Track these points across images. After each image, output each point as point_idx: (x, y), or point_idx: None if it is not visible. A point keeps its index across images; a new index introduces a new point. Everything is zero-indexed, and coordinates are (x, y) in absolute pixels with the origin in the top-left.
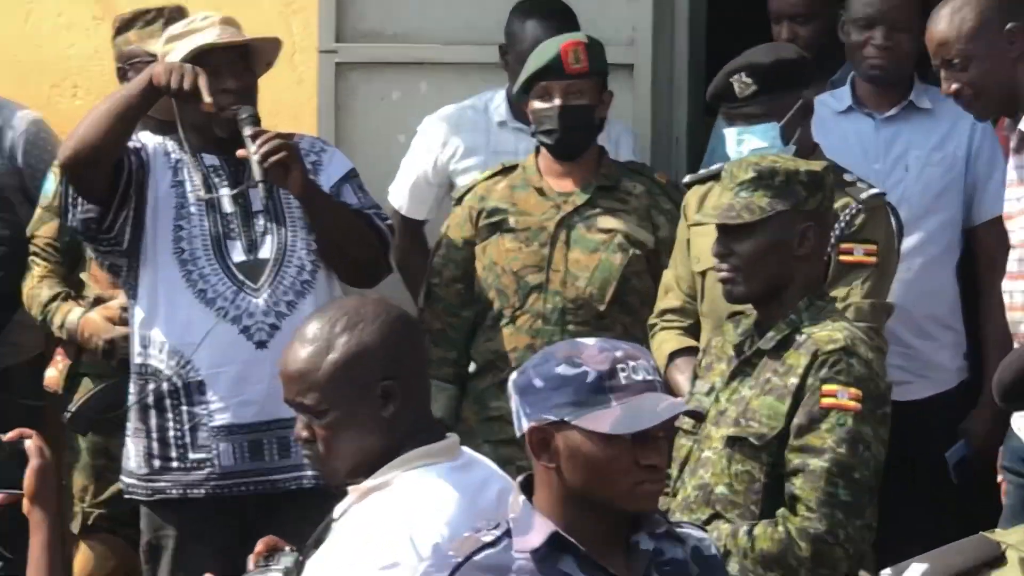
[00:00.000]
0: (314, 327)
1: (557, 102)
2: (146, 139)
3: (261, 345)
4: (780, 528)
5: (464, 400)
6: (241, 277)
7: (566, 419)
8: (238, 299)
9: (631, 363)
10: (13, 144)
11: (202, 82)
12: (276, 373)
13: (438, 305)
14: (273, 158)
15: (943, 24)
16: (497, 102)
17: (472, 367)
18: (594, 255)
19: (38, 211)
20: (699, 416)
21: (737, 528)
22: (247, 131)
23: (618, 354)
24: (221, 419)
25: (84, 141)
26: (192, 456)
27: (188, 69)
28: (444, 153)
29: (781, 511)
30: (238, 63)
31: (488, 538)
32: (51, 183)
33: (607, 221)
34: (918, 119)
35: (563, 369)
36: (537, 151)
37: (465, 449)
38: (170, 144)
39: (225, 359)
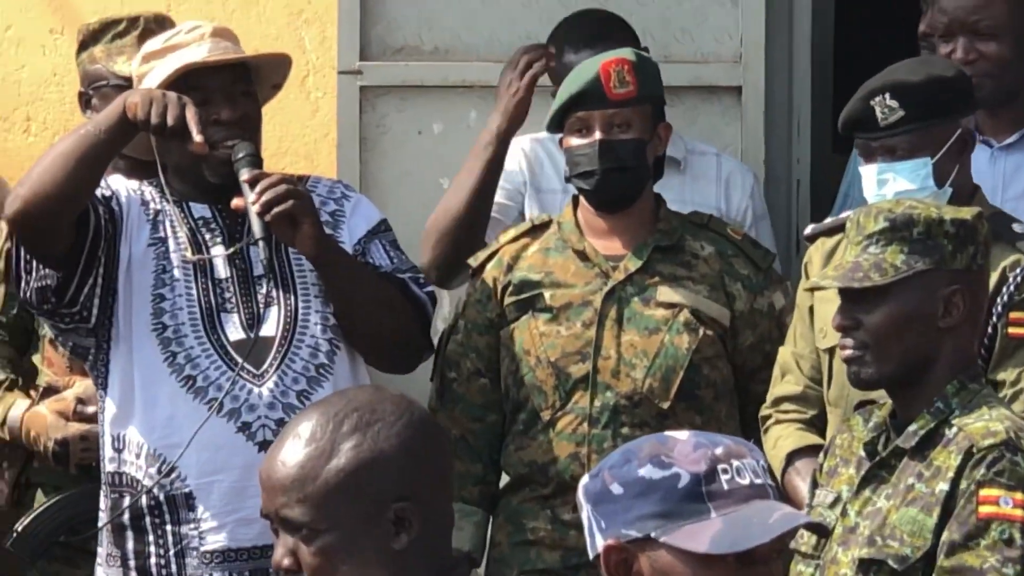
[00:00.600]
0: (314, 422)
1: (597, 136)
2: (118, 185)
3: (264, 447)
4: None
5: (494, 521)
6: (239, 360)
7: (653, 535)
8: (236, 388)
9: (735, 463)
10: None
11: (190, 114)
12: None
13: (457, 406)
14: (277, 208)
15: None
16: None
17: (503, 482)
18: (654, 337)
19: None
20: (823, 532)
21: None
22: (244, 174)
23: (718, 451)
24: (215, 542)
25: (38, 190)
26: None
27: (172, 98)
28: (512, 190)
29: None
30: (235, 87)
31: None
32: None
33: (669, 293)
34: None
35: (648, 471)
36: (576, 202)
37: None
38: (148, 191)
39: (219, 465)
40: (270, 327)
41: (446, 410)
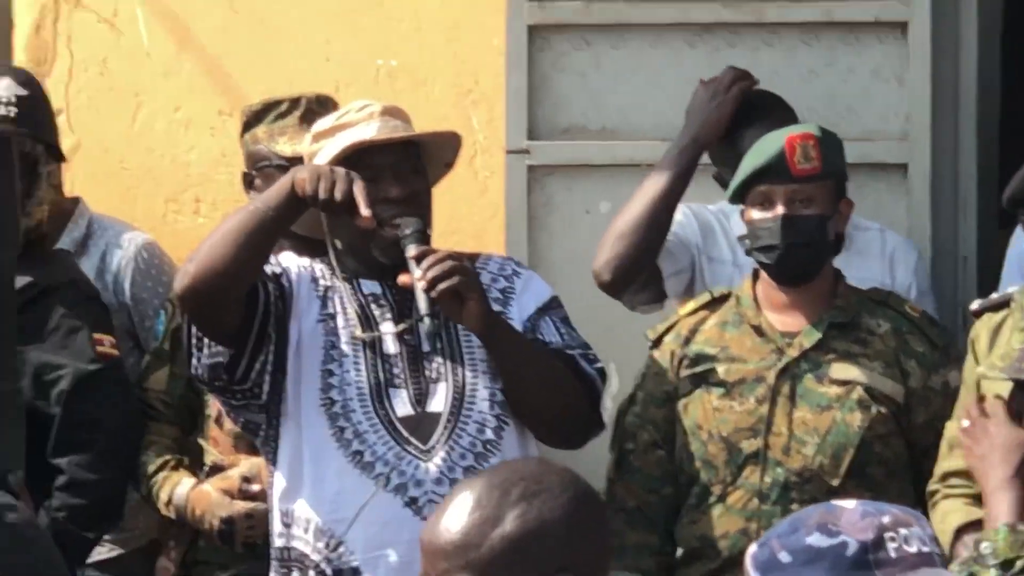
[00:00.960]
0: (480, 490)
1: (780, 211)
2: (287, 262)
3: None
4: None
5: None
6: (407, 435)
7: None
8: (403, 463)
9: (902, 531)
10: (119, 274)
11: (358, 189)
12: None
13: (634, 478)
14: (442, 285)
15: None
16: (737, 216)
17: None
18: (826, 414)
19: (147, 357)
20: None
21: None
22: (411, 250)
23: (885, 520)
24: None
25: (207, 266)
26: None
27: (340, 173)
28: (685, 239)
29: None
30: (404, 165)
31: None
32: (162, 322)
33: (844, 370)
34: None
35: (816, 539)
36: (755, 277)
37: None
38: (319, 268)
39: (387, 540)
40: (438, 403)
41: (623, 481)
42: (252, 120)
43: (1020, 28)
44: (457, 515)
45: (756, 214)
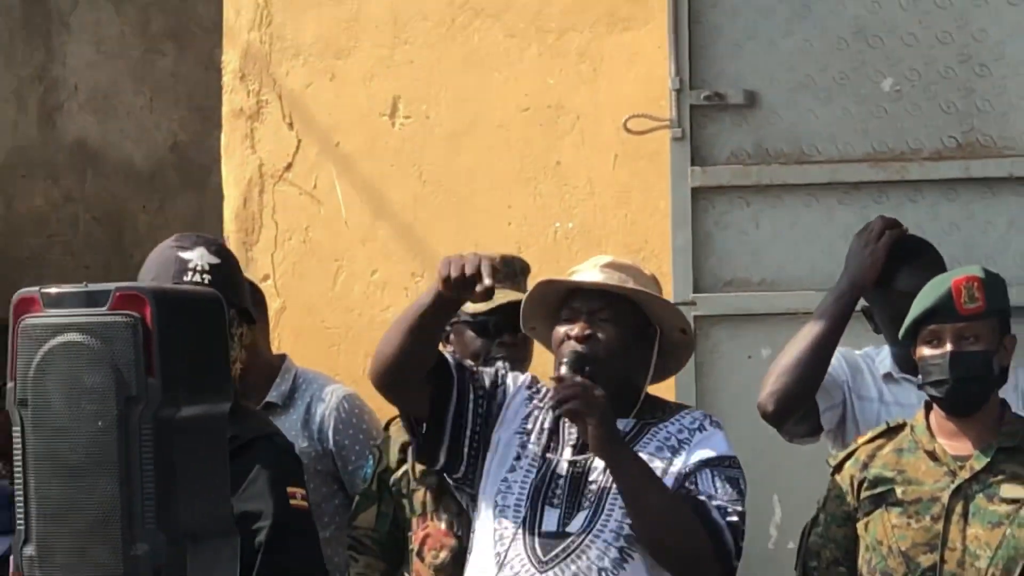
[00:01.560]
0: None
1: (948, 348)
2: (519, 380)
3: None
4: None
5: None
6: (538, 552)
7: None
8: (524, 573)
9: None
10: (323, 423)
11: (485, 263)
12: None
13: None
14: (565, 406)
15: None
16: (883, 356)
17: None
18: (997, 530)
19: (357, 498)
20: None
21: None
22: (556, 373)
23: None
24: None
25: (382, 352)
26: None
27: (470, 255)
28: (837, 378)
29: None
30: (600, 313)
31: None
32: (370, 466)
33: (1012, 490)
34: None
35: None
36: (928, 408)
37: None
38: (542, 387)
39: None
40: (576, 524)
41: None
42: None
43: None
44: None
45: (927, 351)
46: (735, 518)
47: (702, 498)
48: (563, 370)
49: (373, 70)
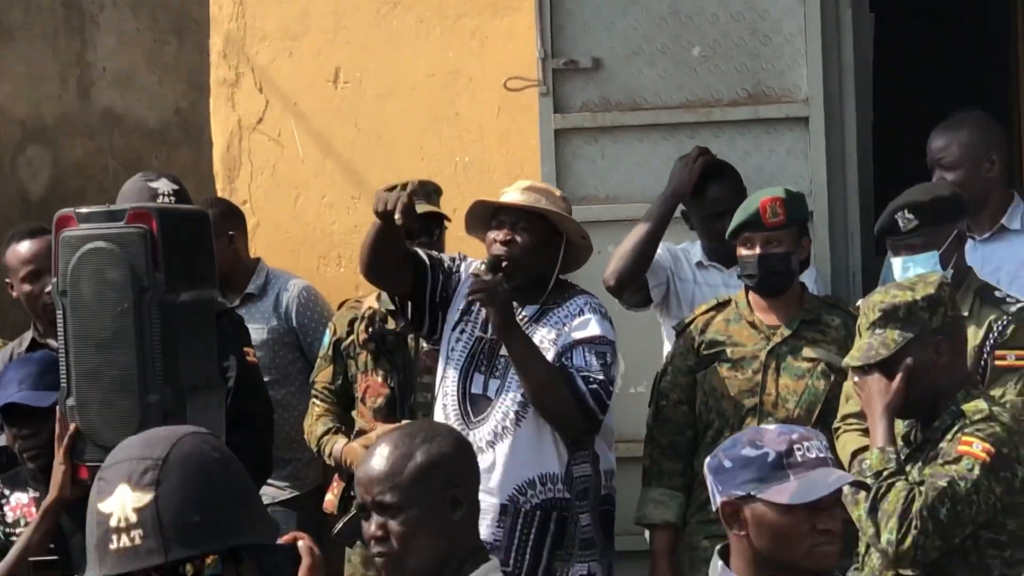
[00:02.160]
0: (395, 438)
1: (757, 251)
2: (469, 266)
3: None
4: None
5: (689, 507)
6: (468, 408)
7: (752, 493)
8: (458, 427)
9: (805, 443)
10: (288, 307)
11: (395, 202)
12: None
13: (667, 424)
14: (475, 296)
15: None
16: (696, 249)
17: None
18: (800, 381)
19: (318, 361)
20: (864, 487)
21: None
22: (480, 270)
23: (794, 436)
24: None
25: (361, 262)
26: None
27: (393, 195)
28: (662, 262)
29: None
30: (521, 223)
31: None
32: (327, 338)
33: (811, 351)
34: (1010, 238)
35: (747, 451)
36: (747, 289)
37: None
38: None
39: None
40: (492, 389)
41: (659, 426)
42: None
43: (886, 118)
44: (382, 455)
45: (744, 251)
46: (595, 386)
47: (571, 370)
48: (481, 269)
49: (320, 48)
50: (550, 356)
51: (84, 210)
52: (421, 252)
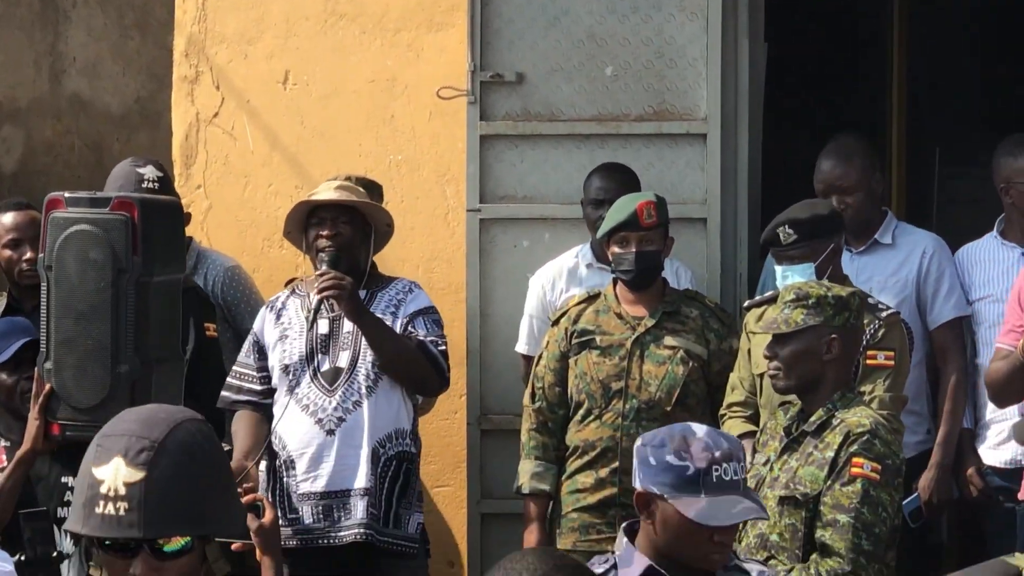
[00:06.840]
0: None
1: (633, 249)
2: (261, 324)
3: (330, 434)
4: (812, 571)
5: (561, 476)
6: (323, 383)
7: (666, 496)
8: (317, 400)
9: (725, 464)
10: (215, 284)
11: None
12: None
13: (542, 404)
14: (325, 293)
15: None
16: (585, 251)
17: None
18: (662, 367)
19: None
20: (764, 515)
21: (777, 572)
22: (320, 269)
23: (717, 454)
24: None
25: None
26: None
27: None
28: (552, 296)
29: (814, 556)
30: (342, 218)
31: (599, 569)
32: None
33: (671, 339)
34: (881, 251)
35: (671, 459)
36: (615, 283)
37: None
38: (281, 297)
39: (304, 444)
40: (343, 360)
41: (535, 406)
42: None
43: (775, 137)
44: None
45: (618, 249)
46: (443, 347)
47: (420, 338)
48: (324, 266)
49: (273, 52)
50: (397, 328)
51: (72, 195)
52: (253, 399)
